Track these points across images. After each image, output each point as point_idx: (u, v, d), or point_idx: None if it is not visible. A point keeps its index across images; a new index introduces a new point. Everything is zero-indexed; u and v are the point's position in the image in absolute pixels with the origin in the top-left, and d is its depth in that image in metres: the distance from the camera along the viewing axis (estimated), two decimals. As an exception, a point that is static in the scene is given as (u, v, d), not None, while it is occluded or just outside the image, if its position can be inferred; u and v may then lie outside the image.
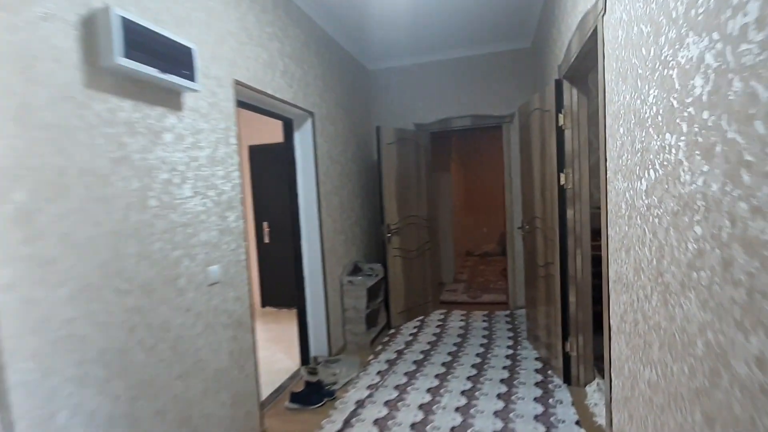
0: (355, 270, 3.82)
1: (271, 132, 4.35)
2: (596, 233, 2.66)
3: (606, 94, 1.72)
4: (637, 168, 1.37)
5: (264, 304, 4.98)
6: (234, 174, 2.20)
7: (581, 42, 2.07)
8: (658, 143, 1.19)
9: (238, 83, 2.27)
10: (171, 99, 1.81)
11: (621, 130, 1.53)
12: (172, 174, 1.78)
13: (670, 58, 1.10)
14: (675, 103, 1.08)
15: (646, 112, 1.28)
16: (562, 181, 2.65)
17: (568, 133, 2.63)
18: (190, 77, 1.81)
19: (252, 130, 4.72)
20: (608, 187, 1.74)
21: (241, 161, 2.27)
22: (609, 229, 1.74)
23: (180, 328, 1.79)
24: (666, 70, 1.13)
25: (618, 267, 1.63)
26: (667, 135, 1.13)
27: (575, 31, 2.19)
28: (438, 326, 4.02)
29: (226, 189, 2.13)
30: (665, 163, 1.15)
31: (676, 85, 1.07)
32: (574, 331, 2.70)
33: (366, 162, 4.37)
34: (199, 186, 1.94)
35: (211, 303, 1.99)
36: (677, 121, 1.07)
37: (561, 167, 2.65)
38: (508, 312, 4.35)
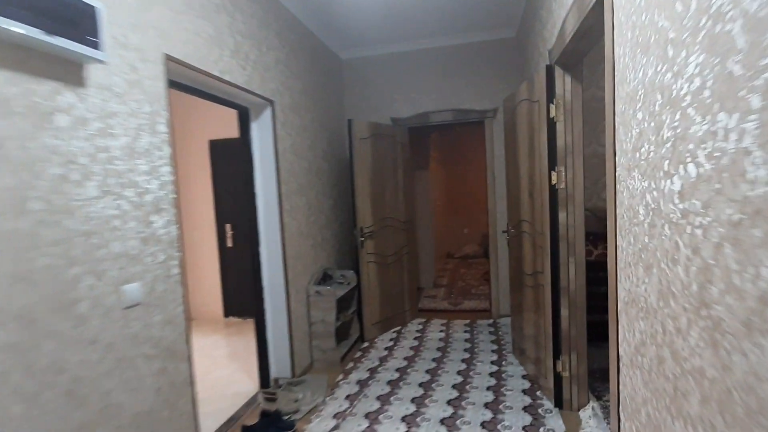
0: (325, 278, 3.44)
1: (235, 124, 3.92)
2: (587, 236, 2.38)
3: (616, 74, 1.40)
4: (666, 163, 1.05)
5: (227, 314, 4.54)
6: (163, 169, 1.80)
7: (579, 18, 1.76)
8: (704, 128, 0.87)
9: (171, 59, 1.87)
10: (68, 72, 1.40)
11: (639, 116, 1.21)
12: (68, 168, 1.38)
13: (729, 7, 0.78)
14: (737, 69, 0.76)
15: (682, 89, 0.96)
16: (554, 180, 2.35)
17: (560, 126, 2.33)
18: (94, 44, 1.40)
19: (213, 123, 4.29)
20: (618, 187, 1.43)
21: (174, 153, 1.86)
22: (619, 238, 1.43)
23: (79, 366, 1.39)
24: (719, 26, 0.80)
25: (632, 286, 1.32)
26: (721, 115, 0.81)
27: (572, 6, 1.88)
28: (416, 338, 3.69)
29: (151, 187, 1.73)
30: (716, 154, 0.83)
31: (740, 44, 0.74)
32: (566, 348, 2.40)
33: (339, 159, 4.00)
34: (110, 184, 1.53)
35: (127, 331, 1.58)
36: (741, 93, 0.75)
37: (552, 165, 2.35)
38: (491, 321, 4.05)
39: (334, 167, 3.90)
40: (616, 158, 1.43)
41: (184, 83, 2.11)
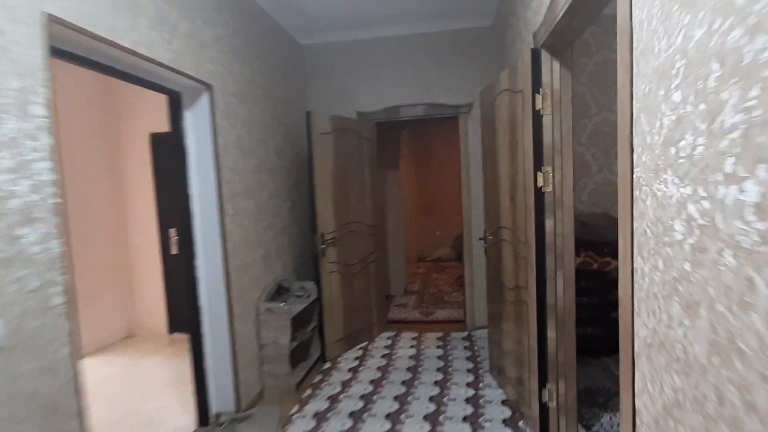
0: (280, 291, 3.02)
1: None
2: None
3: (635, 46, 1.07)
4: (729, 161, 0.72)
5: (172, 330, 4.02)
6: (39, 166, 1.34)
7: (577, -16, 1.44)
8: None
9: (55, 20, 1.41)
10: None
11: (677, 97, 0.88)
12: None
13: None
14: None
15: (765, 49, 0.63)
16: (540, 183, 2.03)
17: (547, 120, 2.01)
18: None
19: (157, 113, 3.76)
20: (636, 193, 1.10)
21: (57, 144, 1.40)
22: (638, 259, 1.10)
23: None
24: None
25: (660, 325, 0.99)
26: None
27: (566, -28, 1.56)
28: (384, 355, 3.32)
29: (18, 190, 1.27)
30: None
31: None
32: (553, 375, 2.10)
33: (298, 157, 3.57)
34: (-62, 185, 1.07)
35: (-31, 392, 1.13)
36: None
37: (538, 164, 2.03)
38: (465, 333, 3.74)
39: (293, 166, 3.47)
40: (635, 155, 1.10)
41: (80, 54, 1.64)
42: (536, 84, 2.01)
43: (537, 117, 2.02)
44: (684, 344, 0.88)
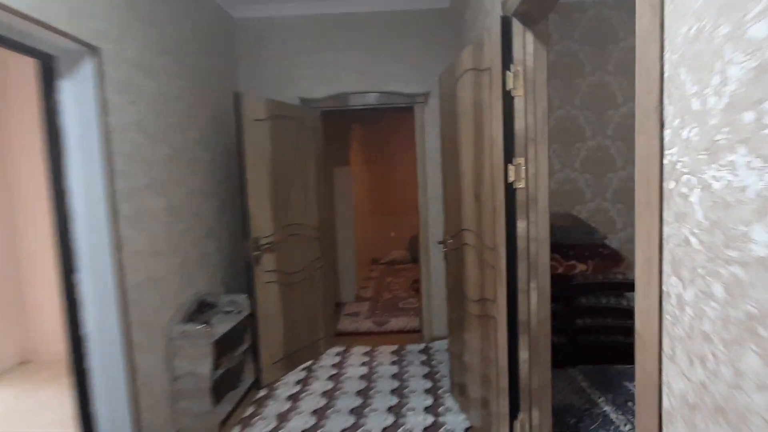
0: (202, 309, 2.51)
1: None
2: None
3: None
4: None
5: (76, 355, 3.33)
6: None
7: None
8: None
9: None
10: None
11: (760, 32, 0.55)
12: None
13: None
14: None
15: None
16: (511, 177, 1.71)
17: (519, 103, 1.69)
18: None
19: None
20: (668, 185, 0.77)
21: None
22: (671, 279, 0.77)
23: None
24: None
25: (715, 383, 0.66)
26: None
27: None
28: (331, 377, 2.90)
29: None
30: None
31: None
32: (526, 403, 1.79)
33: (230, 148, 3.05)
34: None
35: None
36: None
37: (509, 156, 1.71)
38: (423, 346, 3.40)
39: (223, 158, 2.96)
40: (666, 132, 0.77)
41: None
42: (507, 60, 1.68)
43: (507, 99, 1.70)
44: (763, 415, 0.55)
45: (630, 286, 2.78)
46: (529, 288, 1.74)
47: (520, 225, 1.73)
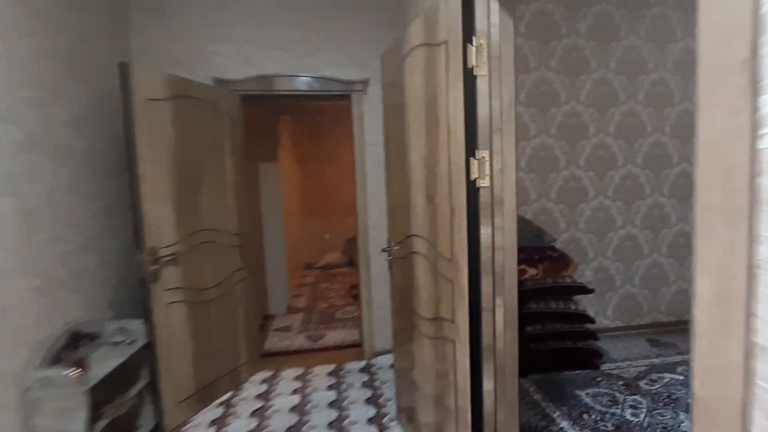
0: (77, 343, 1.91)
1: None
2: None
3: None
4: None
5: None
6: None
7: None
8: None
9: None
10: None
11: None
12: None
13: None
14: None
15: None
16: (474, 174, 1.42)
17: (483, 84, 1.40)
18: None
19: None
20: (759, 183, 0.49)
21: None
22: (763, 329, 0.49)
23: None
24: None
25: None
26: None
27: None
28: (255, 412, 2.43)
29: None
30: None
31: None
32: (490, 443, 1.51)
33: (120, 135, 2.43)
34: None
35: None
36: None
37: (472, 148, 1.41)
38: (364, 363, 3.05)
39: (108, 147, 2.34)
40: (761, 101, 0.49)
41: None
42: (468, 31, 1.38)
43: (469, 79, 1.40)
44: None
45: (578, 290, 2.68)
46: (494, 306, 1.47)
47: (484, 231, 1.44)
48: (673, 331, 3.30)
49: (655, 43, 3.19)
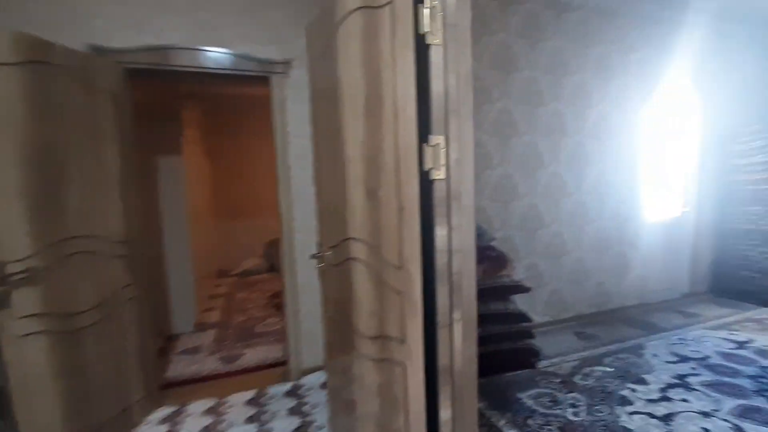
0: None
1: None
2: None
3: None
4: None
5: None
6: None
7: None
8: None
9: None
10: None
11: None
12: None
13: None
14: None
15: None
16: (428, 164, 1.17)
17: (437, 55, 1.16)
18: None
19: None
20: None
21: None
22: None
23: None
24: None
25: None
26: None
27: None
28: (152, 463, 1.94)
29: None
30: None
31: None
32: (448, 482, 1.28)
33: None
34: None
35: None
36: None
37: (424, 134, 1.17)
38: (290, 385, 2.67)
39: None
40: None
41: None
42: (419, -12, 1.13)
43: (421, 47, 1.15)
44: None
45: (517, 289, 2.61)
46: (452, 320, 1.24)
47: (440, 232, 1.21)
48: (595, 322, 3.44)
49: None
